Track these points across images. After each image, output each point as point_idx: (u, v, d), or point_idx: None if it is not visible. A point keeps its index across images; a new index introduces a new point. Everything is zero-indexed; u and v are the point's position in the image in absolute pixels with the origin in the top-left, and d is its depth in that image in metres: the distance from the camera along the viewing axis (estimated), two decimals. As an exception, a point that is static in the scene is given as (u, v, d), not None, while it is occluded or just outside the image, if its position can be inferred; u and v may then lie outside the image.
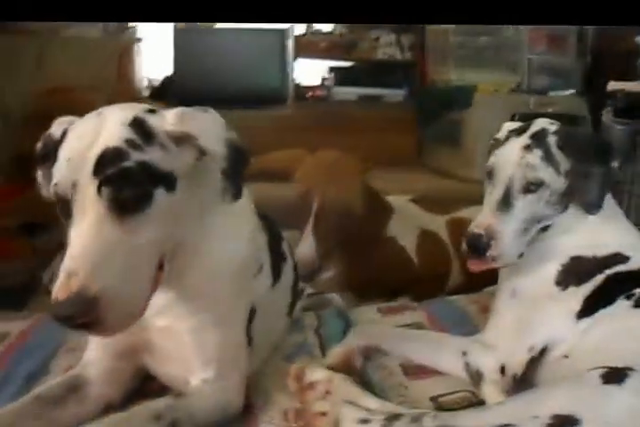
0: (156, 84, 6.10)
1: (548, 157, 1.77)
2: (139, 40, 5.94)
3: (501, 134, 1.92)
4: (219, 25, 6.13)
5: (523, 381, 1.75)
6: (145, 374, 1.76)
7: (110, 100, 4.92)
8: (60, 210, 1.36)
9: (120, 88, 5.53)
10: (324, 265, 3.00)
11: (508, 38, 5.81)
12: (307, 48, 6.21)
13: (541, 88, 5.61)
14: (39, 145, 1.55)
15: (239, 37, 6.06)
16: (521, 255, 1.81)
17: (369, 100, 6.27)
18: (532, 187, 1.77)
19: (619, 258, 1.79)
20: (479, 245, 1.75)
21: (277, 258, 1.99)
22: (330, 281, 3.14)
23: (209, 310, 1.61)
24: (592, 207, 1.79)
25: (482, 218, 1.78)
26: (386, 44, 6.26)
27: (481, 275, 1.91)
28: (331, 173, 2.99)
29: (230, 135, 1.49)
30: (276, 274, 1.96)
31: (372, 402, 1.60)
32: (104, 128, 1.39)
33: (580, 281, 1.78)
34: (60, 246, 3.96)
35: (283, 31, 6.10)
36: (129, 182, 1.33)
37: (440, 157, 5.60)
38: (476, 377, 1.83)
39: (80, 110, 4.59)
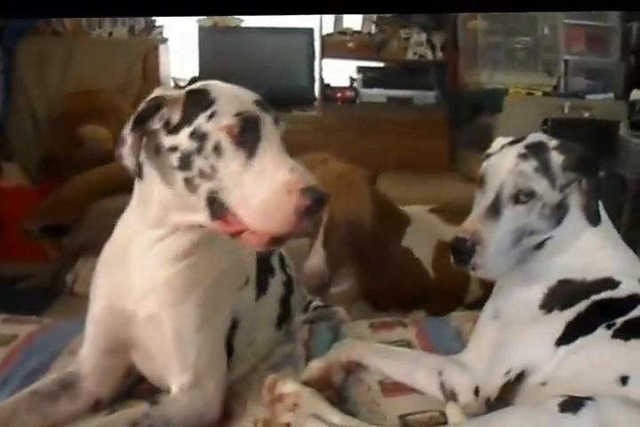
0: (183, 84, 6.06)
1: (544, 169, 1.71)
2: (164, 40, 5.93)
3: (494, 149, 1.85)
4: (244, 24, 6.12)
5: (497, 405, 1.66)
6: (137, 376, 1.82)
7: (136, 102, 4.94)
8: (241, 135, 1.52)
9: (146, 89, 5.52)
10: (336, 278, 2.97)
11: (544, 37, 5.66)
12: (335, 48, 6.11)
13: (578, 91, 5.43)
14: (144, 106, 1.56)
15: (265, 37, 6.03)
16: (508, 269, 1.75)
17: (398, 102, 6.14)
18: (522, 197, 1.69)
19: (608, 283, 1.71)
20: (463, 250, 1.67)
21: (264, 271, 2.04)
22: (344, 293, 3.11)
23: (191, 302, 1.67)
24: (594, 219, 1.73)
25: (468, 223, 1.70)
26: (416, 43, 6.10)
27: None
28: (339, 186, 2.91)
29: None
30: (262, 287, 2.01)
31: (335, 417, 1.61)
32: None
33: (564, 306, 1.70)
34: (82, 249, 3.90)
35: (310, 30, 6.04)
36: None
37: (471, 162, 5.43)
38: (451, 397, 1.78)
39: (105, 113, 4.57)
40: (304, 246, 2.95)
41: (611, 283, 1.70)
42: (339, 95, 6.15)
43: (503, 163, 1.73)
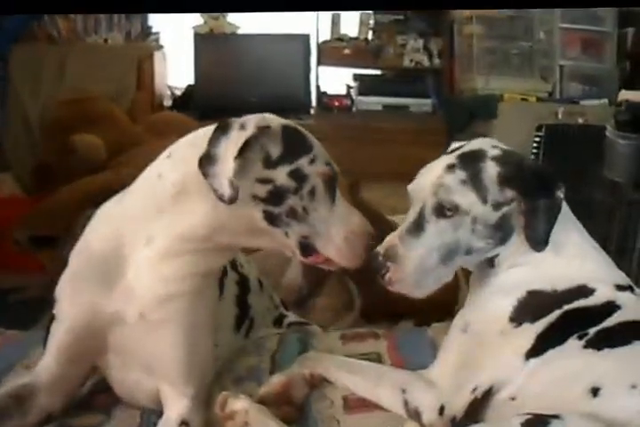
0: (178, 92, 6.06)
1: (473, 182, 1.61)
2: (160, 47, 5.92)
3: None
4: (240, 30, 6.13)
5: (464, 423, 1.59)
6: (90, 387, 1.83)
7: (130, 110, 4.91)
8: (329, 182, 1.67)
9: (140, 97, 5.52)
10: (317, 291, 2.95)
11: (540, 42, 5.63)
12: (331, 54, 6.11)
13: (573, 97, 5.39)
14: (255, 132, 1.56)
15: (261, 43, 6.03)
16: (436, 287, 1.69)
17: (395, 110, 6.12)
18: (446, 211, 1.60)
19: (582, 291, 1.63)
20: (375, 265, 1.64)
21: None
22: (332, 304, 3.05)
23: (202, 309, 1.72)
24: (538, 244, 1.63)
25: (388, 238, 1.65)
26: (413, 49, 6.09)
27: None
28: None
29: None
30: (220, 287, 1.96)
31: None
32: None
33: (535, 318, 1.62)
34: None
35: (306, 36, 6.03)
36: None
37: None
38: (415, 416, 1.68)
39: (98, 121, 4.55)
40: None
41: (584, 291, 1.62)
42: (335, 103, 6.16)
43: (429, 175, 1.65)
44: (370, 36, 6.28)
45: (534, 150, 4.22)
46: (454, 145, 1.78)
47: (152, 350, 1.66)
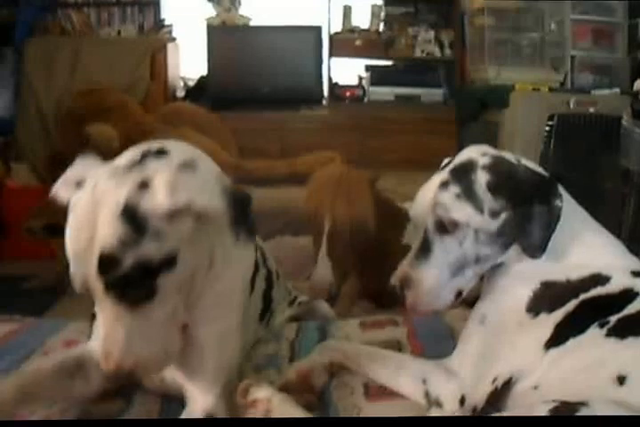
0: (191, 83, 6.09)
1: (467, 194, 1.60)
2: (173, 39, 5.94)
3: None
4: (252, 22, 6.15)
5: (485, 412, 1.58)
6: None
7: (144, 101, 4.93)
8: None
9: (154, 88, 5.55)
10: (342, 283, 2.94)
11: (551, 33, 5.62)
12: (343, 46, 6.12)
13: (585, 86, 5.38)
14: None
15: (274, 35, 6.05)
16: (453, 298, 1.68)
17: (406, 100, 6.13)
18: (447, 228, 1.61)
19: (597, 280, 1.59)
20: (397, 297, 1.64)
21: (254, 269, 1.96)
22: (345, 292, 3.06)
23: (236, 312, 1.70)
24: (534, 251, 1.61)
25: (400, 267, 1.66)
26: (424, 41, 6.08)
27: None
28: (338, 191, 2.90)
29: (224, 183, 1.44)
30: (252, 285, 1.92)
31: None
32: (99, 220, 1.36)
33: (552, 308, 1.59)
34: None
35: (318, 28, 6.04)
36: (130, 285, 1.36)
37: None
38: (436, 406, 1.68)
39: (112, 111, 4.57)
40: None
41: (600, 279, 1.58)
42: (347, 94, 6.17)
43: (425, 196, 1.64)
44: (381, 27, 6.29)
45: (546, 139, 4.24)
46: (446, 160, 1.75)
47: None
